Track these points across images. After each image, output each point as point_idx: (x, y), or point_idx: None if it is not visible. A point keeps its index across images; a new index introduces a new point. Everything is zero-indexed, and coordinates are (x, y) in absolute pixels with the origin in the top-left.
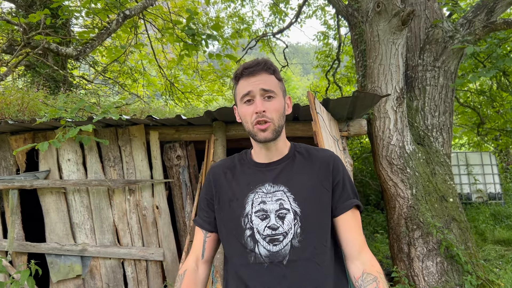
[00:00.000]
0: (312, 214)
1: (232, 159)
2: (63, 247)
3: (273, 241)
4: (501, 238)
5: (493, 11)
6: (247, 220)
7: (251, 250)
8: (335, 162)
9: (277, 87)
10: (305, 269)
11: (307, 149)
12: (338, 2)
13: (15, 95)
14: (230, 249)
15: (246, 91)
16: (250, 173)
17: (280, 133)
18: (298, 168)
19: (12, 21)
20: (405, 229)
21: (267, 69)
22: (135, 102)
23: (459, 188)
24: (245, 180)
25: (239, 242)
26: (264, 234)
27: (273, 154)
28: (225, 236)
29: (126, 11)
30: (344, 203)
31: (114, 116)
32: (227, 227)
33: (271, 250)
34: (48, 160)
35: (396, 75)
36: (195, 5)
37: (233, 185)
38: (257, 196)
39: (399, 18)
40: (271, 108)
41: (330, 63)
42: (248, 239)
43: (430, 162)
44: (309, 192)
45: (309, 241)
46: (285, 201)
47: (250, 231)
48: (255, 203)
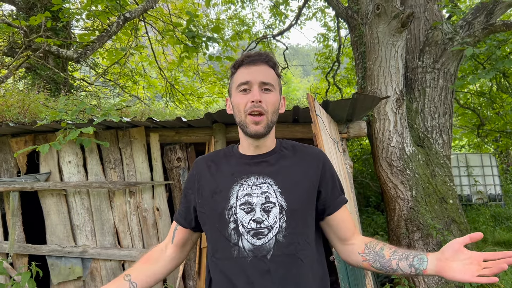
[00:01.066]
0: (298, 209)
1: (218, 152)
2: (64, 249)
3: (257, 234)
4: (501, 240)
5: (492, 13)
6: (231, 213)
7: (234, 243)
8: (325, 160)
9: (276, 82)
10: (288, 265)
11: (293, 145)
12: (338, 4)
13: (16, 98)
14: (213, 242)
15: (244, 80)
16: (235, 164)
17: (271, 129)
18: (286, 161)
19: (13, 24)
20: (405, 230)
21: (268, 62)
22: (136, 104)
23: (459, 189)
24: (229, 171)
25: (222, 235)
26: (248, 228)
27: (260, 149)
28: (209, 230)
29: (127, 13)
30: (335, 200)
31: (115, 118)
32: (210, 220)
33: (255, 244)
34: (48, 162)
35: (396, 77)
36: (196, 7)
37: (217, 177)
38: (242, 189)
39: (398, 20)
40: (268, 101)
41: (330, 65)
42: (231, 232)
43: (430, 163)
44: (297, 187)
45: (294, 236)
46: (271, 194)
47: (234, 224)
48: (240, 196)
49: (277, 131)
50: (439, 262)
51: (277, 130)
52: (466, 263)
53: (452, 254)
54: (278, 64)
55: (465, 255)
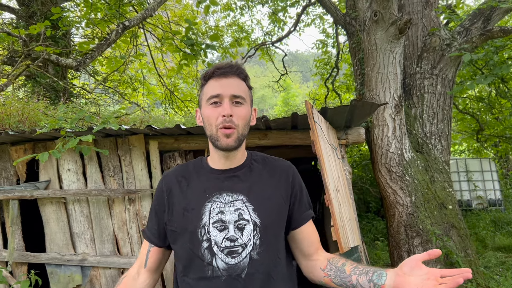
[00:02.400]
0: (270, 225)
1: (186, 166)
2: (63, 257)
3: (231, 253)
4: (501, 245)
5: (489, 19)
6: (204, 231)
7: (208, 263)
8: (295, 173)
9: (247, 94)
10: (262, 283)
11: (263, 158)
12: (336, 11)
13: (16, 106)
14: (184, 261)
15: (215, 93)
16: (205, 180)
17: (242, 143)
18: (256, 176)
19: (13, 33)
20: (404, 236)
21: (240, 74)
22: (135, 111)
23: (459, 194)
24: (200, 187)
25: (195, 255)
26: (222, 246)
27: (231, 162)
28: (179, 248)
29: (126, 22)
30: (302, 215)
31: (114, 126)
32: (182, 239)
33: (229, 262)
34: (48, 170)
35: (394, 83)
36: (195, 14)
37: (188, 193)
38: (214, 206)
39: (396, 27)
40: (238, 114)
41: (329, 71)
42: (205, 252)
43: (429, 169)
44: (269, 203)
45: (267, 253)
46: (245, 211)
47: (207, 243)
48: (213, 213)
49: (276, 138)
50: (398, 277)
51: (276, 137)
52: (424, 278)
53: (410, 269)
54: (248, 77)
55: (422, 270)
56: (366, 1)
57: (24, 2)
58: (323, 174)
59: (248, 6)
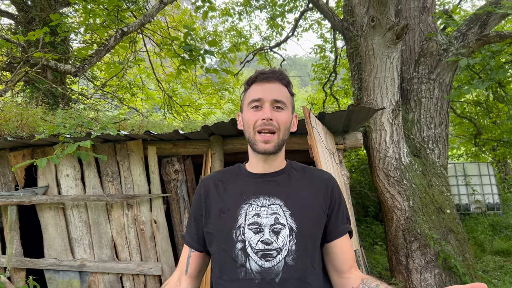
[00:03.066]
0: (308, 232)
1: (224, 172)
2: (62, 262)
3: (265, 256)
4: (499, 249)
5: (486, 24)
6: (239, 233)
7: (241, 264)
8: (334, 185)
9: (288, 100)
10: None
11: (303, 167)
12: (334, 17)
13: (14, 112)
14: (219, 263)
15: (256, 97)
16: (243, 184)
17: (281, 148)
18: (295, 183)
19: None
20: (402, 241)
21: (282, 80)
22: (133, 116)
23: (458, 199)
24: (237, 191)
25: (229, 256)
26: (256, 249)
27: (269, 167)
28: (215, 250)
29: (124, 27)
30: (338, 228)
31: (112, 132)
32: (217, 240)
33: (263, 265)
34: (46, 175)
35: (392, 88)
36: (193, 19)
37: (225, 196)
38: (251, 208)
39: (393, 32)
40: (279, 119)
41: (327, 76)
42: (239, 253)
43: (426, 173)
44: (307, 209)
45: (303, 260)
46: (281, 215)
47: (241, 244)
48: (249, 215)
49: None
50: None
51: None
52: None
53: None
54: (291, 83)
55: None
56: (363, 7)
57: (23, 8)
58: None
59: (247, 12)
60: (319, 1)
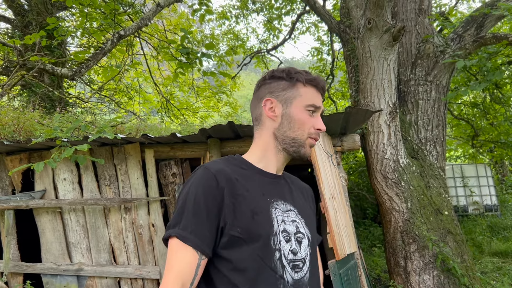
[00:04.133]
0: (315, 242)
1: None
2: (59, 267)
3: (295, 267)
4: (498, 250)
5: (482, 25)
6: (277, 240)
7: (280, 276)
8: (313, 196)
9: None
10: None
11: (288, 175)
12: (330, 19)
13: (11, 116)
14: (251, 273)
15: (318, 104)
16: (260, 183)
17: None
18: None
19: (8, 44)
20: (401, 242)
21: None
22: (131, 120)
23: (455, 200)
24: (259, 190)
25: (267, 266)
26: (288, 259)
27: (281, 170)
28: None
29: (121, 31)
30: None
31: (109, 135)
32: (250, 246)
33: (294, 277)
34: (43, 179)
35: (389, 90)
36: (190, 23)
37: (250, 194)
38: (277, 213)
39: (390, 34)
40: None
41: (324, 78)
42: (277, 263)
43: (424, 175)
44: (312, 220)
45: (317, 270)
46: (300, 224)
47: (279, 254)
48: (279, 221)
49: None
50: None
51: None
52: None
53: None
54: None
55: None
56: (360, 9)
57: (19, 12)
58: (318, 181)
59: (243, 15)
60: (316, 4)
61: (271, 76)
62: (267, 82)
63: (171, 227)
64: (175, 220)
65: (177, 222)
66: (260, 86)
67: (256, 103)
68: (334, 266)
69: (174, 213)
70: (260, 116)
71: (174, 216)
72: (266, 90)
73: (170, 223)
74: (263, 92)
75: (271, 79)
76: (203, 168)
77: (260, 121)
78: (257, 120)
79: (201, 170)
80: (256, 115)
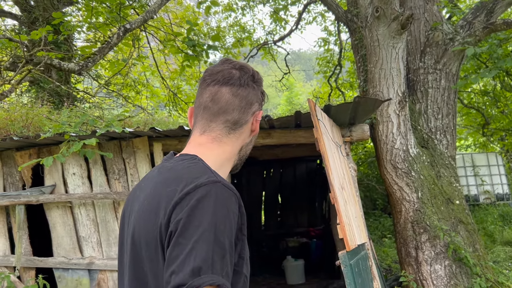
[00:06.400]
0: None
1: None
2: (70, 261)
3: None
4: (510, 239)
5: (492, 12)
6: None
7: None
8: None
9: None
10: None
11: None
12: (337, 8)
13: (19, 112)
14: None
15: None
16: None
17: None
18: None
19: (14, 39)
20: (412, 233)
21: None
22: (139, 114)
23: (466, 189)
24: None
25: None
26: None
27: None
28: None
29: (127, 24)
30: None
31: (117, 129)
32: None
33: None
34: (53, 174)
35: (397, 79)
36: (196, 15)
37: None
38: None
39: (398, 22)
40: None
41: (331, 69)
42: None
43: (434, 165)
44: None
45: None
46: None
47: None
48: None
49: (280, 136)
50: None
51: (280, 135)
52: None
53: None
54: None
55: None
56: None
57: (26, 8)
58: (328, 171)
59: (249, 6)
60: None
61: (259, 80)
62: (255, 86)
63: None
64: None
65: (211, 263)
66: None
67: (245, 107)
68: (345, 256)
69: (197, 248)
70: (244, 124)
71: (203, 255)
72: (255, 97)
73: (198, 263)
74: (253, 97)
75: (256, 84)
76: (222, 187)
77: (241, 129)
78: (236, 124)
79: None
80: (238, 119)
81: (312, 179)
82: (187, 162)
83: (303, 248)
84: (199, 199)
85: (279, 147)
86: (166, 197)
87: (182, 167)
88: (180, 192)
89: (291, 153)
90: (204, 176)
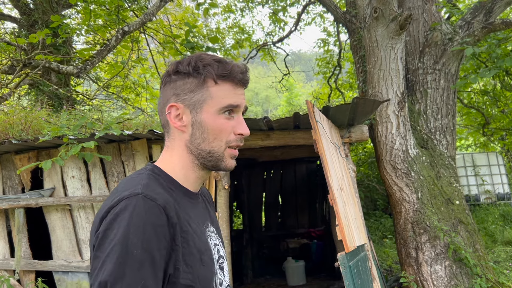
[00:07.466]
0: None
1: (164, 184)
2: (70, 264)
3: None
4: (511, 239)
5: (491, 11)
6: (217, 277)
7: None
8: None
9: None
10: None
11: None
12: (336, 9)
13: (18, 115)
14: None
15: (236, 103)
16: (190, 207)
17: None
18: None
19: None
20: (412, 233)
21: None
22: (138, 116)
23: (467, 189)
24: (194, 219)
25: None
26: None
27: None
28: None
29: (125, 27)
30: None
31: (116, 132)
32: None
33: None
34: (52, 177)
35: (397, 80)
36: (195, 17)
37: (192, 227)
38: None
39: (396, 23)
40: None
41: (331, 70)
42: None
43: (434, 165)
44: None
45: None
46: (220, 246)
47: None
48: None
49: (278, 138)
50: None
51: (279, 137)
52: None
53: None
54: None
55: None
56: None
57: (25, 11)
58: (326, 173)
59: (249, 7)
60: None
61: (176, 71)
62: (172, 79)
63: (109, 284)
64: (114, 273)
65: (119, 277)
66: (165, 84)
67: (161, 108)
68: (344, 258)
69: (107, 261)
70: (167, 125)
71: (110, 268)
72: (171, 91)
73: (105, 277)
74: (168, 93)
75: (176, 75)
76: (143, 199)
77: (169, 130)
78: (165, 128)
79: (140, 201)
80: (163, 122)
81: (312, 180)
82: (135, 173)
83: (303, 249)
84: (117, 213)
85: (278, 149)
86: (100, 210)
87: (126, 179)
88: (106, 206)
89: (291, 154)
90: (131, 189)
